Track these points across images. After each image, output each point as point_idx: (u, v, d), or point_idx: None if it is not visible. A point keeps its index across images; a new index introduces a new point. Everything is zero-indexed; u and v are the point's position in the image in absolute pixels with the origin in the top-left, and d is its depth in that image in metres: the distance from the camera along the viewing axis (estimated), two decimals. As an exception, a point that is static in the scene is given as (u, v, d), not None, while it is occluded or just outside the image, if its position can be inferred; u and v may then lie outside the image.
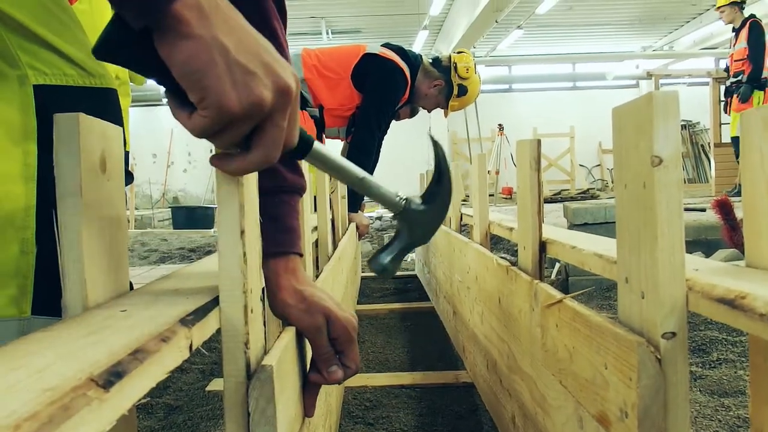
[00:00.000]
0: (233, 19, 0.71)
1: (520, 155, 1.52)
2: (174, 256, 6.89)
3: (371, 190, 1.03)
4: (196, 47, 0.66)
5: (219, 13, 0.69)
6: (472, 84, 4.26)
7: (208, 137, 0.72)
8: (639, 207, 0.86)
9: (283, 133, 0.75)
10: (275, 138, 0.74)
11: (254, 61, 0.70)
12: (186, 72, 0.67)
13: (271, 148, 0.74)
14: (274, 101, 0.71)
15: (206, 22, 0.67)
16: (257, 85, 0.69)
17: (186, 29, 0.65)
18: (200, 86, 0.67)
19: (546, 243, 1.46)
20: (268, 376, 0.81)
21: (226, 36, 0.68)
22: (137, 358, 0.52)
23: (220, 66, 0.67)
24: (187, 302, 0.77)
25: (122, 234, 0.82)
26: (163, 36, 0.66)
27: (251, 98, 0.69)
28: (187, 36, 0.66)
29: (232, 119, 0.69)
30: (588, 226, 4.06)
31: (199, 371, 2.60)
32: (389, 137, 4.21)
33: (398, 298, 4.32)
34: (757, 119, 0.82)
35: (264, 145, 0.73)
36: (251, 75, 0.69)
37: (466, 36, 13.49)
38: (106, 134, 0.78)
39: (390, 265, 1.13)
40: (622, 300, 0.94)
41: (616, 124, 0.93)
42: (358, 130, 3.93)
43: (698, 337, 2.79)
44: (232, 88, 0.68)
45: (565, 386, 1.16)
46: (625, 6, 14.48)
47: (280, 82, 0.72)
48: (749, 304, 0.68)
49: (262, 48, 0.72)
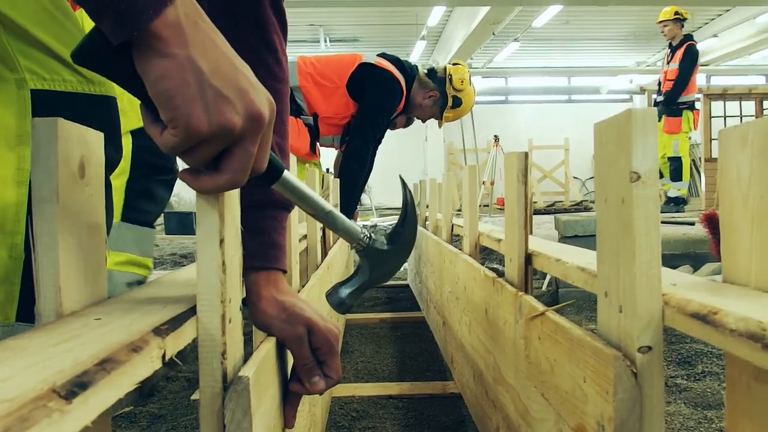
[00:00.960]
0: (212, 41, 0.70)
1: (507, 168, 1.52)
2: (166, 261, 6.87)
3: (336, 223, 1.04)
4: (171, 66, 0.66)
5: (197, 34, 0.68)
6: (467, 96, 4.27)
7: (177, 155, 0.73)
8: (618, 222, 0.87)
9: (252, 159, 0.75)
10: (243, 162, 0.74)
11: (228, 85, 0.70)
12: (159, 90, 0.67)
13: (238, 172, 0.75)
14: (244, 127, 0.72)
15: (183, 41, 0.67)
16: (228, 110, 0.69)
17: (162, 47, 0.66)
18: (171, 105, 0.67)
19: (532, 255, 1.46)
20: (245, 387, 0.80)
21: (203, 58, 0.68)
22: (104, 369, 0.52)
23: (193, 87, 0.67)
24: (163, 311, 0.76)
25: (100, 241, 0.82)
26: (140, 51, 0.66)
27: (221, 122, 0.69)
28: (163, 54, 0.66)
29: (200, 140, 0.70)
30: (578, 238, 4.07)
31: (185, 379, 2.59)
32: (384, 144, 4.21)
33: (389, 308, 4.31)
34: (734, 137, 0.82)
35: (232, 169, 0.74)
36: (223, 99, 0.69)
37: (464, 47, 13.55)
38: (85, 140, 0.78)
39: (348, 299, 1.14)
40: (602, 314, 0.94)
41: (598, 139, 0.94)
42: (352, 139, 3.93)
43: (683, 350, 2.79)
44: (203, 111, 0.68)
45: (547, 399, 1.16)
46: (621, 21, 14.56)
47: (253, 109, 0.72)
48: (721, 320, 0.68)
49: (239, 72, 0.72)
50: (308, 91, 3.88)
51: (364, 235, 1.09)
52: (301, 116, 3.90)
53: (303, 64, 3.93)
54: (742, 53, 16.33)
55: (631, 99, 18.29)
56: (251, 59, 1.03)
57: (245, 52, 1.01)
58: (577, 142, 15.50)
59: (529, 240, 1.50)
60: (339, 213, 1.03)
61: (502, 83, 18.80)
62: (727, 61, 17.26)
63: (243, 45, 1.04)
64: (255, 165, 0.77)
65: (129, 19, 0.63)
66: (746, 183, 0.80)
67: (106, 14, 0.63)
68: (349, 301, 1.14)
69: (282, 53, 1.12)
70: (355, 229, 1.07)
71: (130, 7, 0.62)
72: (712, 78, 18.31)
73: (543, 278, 4.31)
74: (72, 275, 0.74)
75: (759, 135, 0.77)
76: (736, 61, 17.46)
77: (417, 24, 13.56)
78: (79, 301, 0.76)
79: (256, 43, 1.08)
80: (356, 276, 1.15)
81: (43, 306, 0.71)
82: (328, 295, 1.14)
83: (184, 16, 0.67)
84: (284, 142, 1.11)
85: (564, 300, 3.79)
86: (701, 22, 15.14)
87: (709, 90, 9.61)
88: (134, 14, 0.62)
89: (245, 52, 1.01)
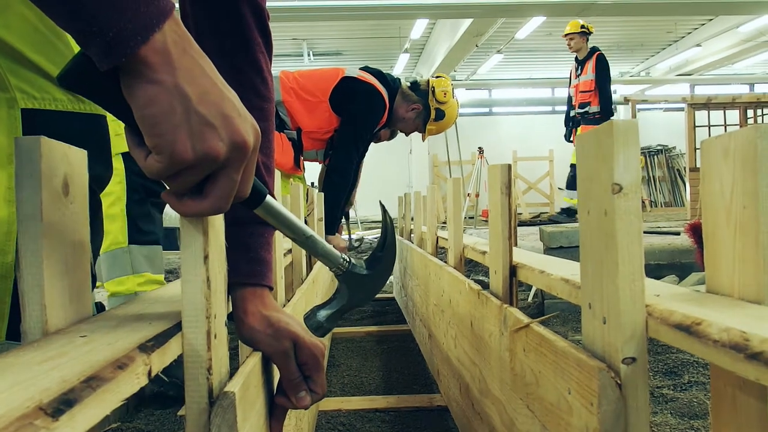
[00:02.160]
0: (200, 67, 0.70)
1: (491, 180, 1.53)
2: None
3: (317, 248, 1.06)
4: (157, 93, 0.66)
5: (185, 60, 0.68)
6: (450, 108, 4.29)
7: (161, 180, 0.73)
8: (601, 234, 0.87)
9: (236, 186, 0.75)
10: (226, 189, 0.74)
11: (214, 112, 0.70)
12: (145, 115, 0.67)
13: (221, 199, 0.75)
14: (228, 154, 0.72)
15: (171, 67, 0.66)
16: (213, 137, 0.69)
17: (150, 73, 0.65)
18: (156, 132, 0.67)
19: (516, 267, 1.47)
20: (231, 402, 0.80)
21: (190, 84, 0.68)
22: (90, 386, 0.52)
23: (179, 114, 0.67)
24: (149, 328, 0.76)
25: (85, 258, 0.82)
26: (127, 77, 0.66)
27: (205, 149, 0.69)
28: (151, 80, 0.66)
29: (184, 167, 0.69)
30: (563, 250, 4.09)
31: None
32: (369, 158, 4.22)
33: (376, 321, 4.30)
34: (717, 147, 0.83)
35: (215, 195, 0.74)
36: (209, 126, 0.69)
37: (447, 59, 13.61)
38: (69, 158, 0.78)
39: (326, 322, 1.16)
40: (586, 325, 0.94)
41: (580, 151, 0.94)
42: (336, 153, 3.94)
43: (670, 360, 2.81)
44: (188, 138, 0.68)
45: (533, 411, 1.16)
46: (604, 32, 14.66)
47: (237, 137, 0.72)
48: (704, 331, 0.69)
49: (225, 99, 0.72)
50: (291, 105, 3.88)
51: (343, 259, 1.11)
52: (284, 131, 3.91)
53: (286, 79, 3.93)
54: (726, 62, 16.52)
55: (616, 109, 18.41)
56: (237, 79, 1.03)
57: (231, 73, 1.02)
58: (562, 153, 15.56)
59: (514, 252, 1.51)
60: (319, 238, 1.05)
61: (485, 95, 18.87)
62: (710, 71, 17.45)
63: (229, 65, 1.04)
64: (239, 191, 0.77)
65: (116, 46, 0.62)
66: (729, 193, 0.80)
67: (92, 42, 0.62)
68: (327, 325, 1.16)
69: (267, 72, 1.13)
70: (334, 254, 1.10)
71: (118, 33, 0.62)
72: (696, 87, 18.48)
73: (529, 290, 4.32)
74: (57, 293, 0.74)
75: (741, 145, 0.78)
76: (719, 70, 17.65)
77: (400, 37, 13.63)
78: (65, 318, 0.76)
79: (242, 63, 1.08)
80: (335, 299, 1.17)
81: (28, 324, 0.71)
82: (306, 318, 1.15)
83: (172, 42, 0.67)
84: (270, 161, 1.12)
85: (550, 311, 3.80)
86: (684, 32, 15.32)
87: (693, 99, 9.71)
88: (122, 41, 0.62)
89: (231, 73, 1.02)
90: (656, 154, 17.01)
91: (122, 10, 0.62)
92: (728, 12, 12.10)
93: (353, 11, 10.53)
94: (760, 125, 0.76)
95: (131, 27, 0.62)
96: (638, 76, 18.23)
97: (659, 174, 16.88)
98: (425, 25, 12.59)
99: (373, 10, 10.50)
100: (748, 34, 14.09)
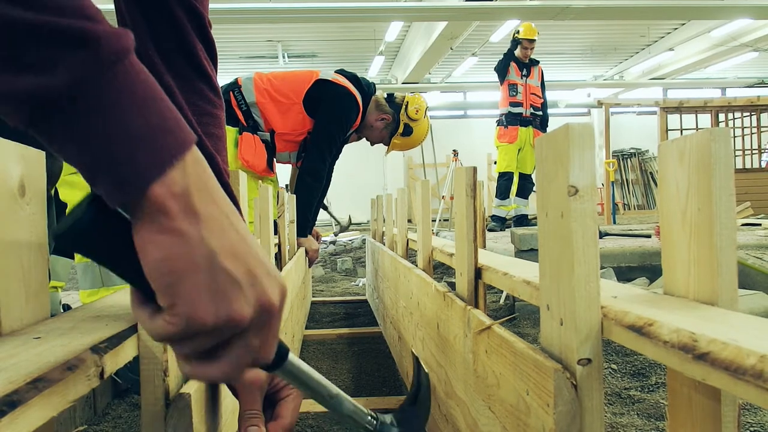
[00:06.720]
0: (226, 215, 0.61)
1: (457, 183, 1.54)
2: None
3: (342, 408, 0.91)
4: (178, 246, 0.57)
5: (210, 206, 0.59)
6: (419, 127, 4.30)
7: (167, 343, 0.64)
8: (557, 236, 0.88)
9: (251, 355, 0.64)
10: (240, 358, 0.63)
11: (241, 269, 0.60)
12: (161, 272, 0.57)
13: (233, 368, 0.63)
14: (252, 319, 0.61)
15: (194, 217, 0.57)
16: (238, 299, 0.59)
17: (167, 222, 0.56)
18: (173, 291, 0.57)
19: (482, 269, 1.48)
20: (186, 404, 0.80)
21: (217, 237, 0.59)
22: (36, 387, 0.51)
23: (202, 272, 0.58)
24: (104, 329, 0.76)
25: (42, 259, 0.81)
26: (141, 225, 0.57)
27: (229, 314, 0.59)
28: (169, 230, 0.56)
29: (200, 332, 0.59)
30: (534, 252, 4.11)
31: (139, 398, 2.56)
32: (344, 160, 4.21)
33: (347, 323, 4.30)
34: (673, 151, 0.84)
35: (226, 363, 0.63)
36: (234, 285, 0.59)
37: (422, 62, 13.65)
38: (26, 158, 0.78)
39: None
40: (544, 326, 0.95)
41: (539, 154, 0.95)
42: (308, 155, 3.93)
43: (637, 362, 2.84)
44: (210, 300, 0.58)
45: (494, 412, 1.17)
46: (578, 36, 14.80)
47: (264, 299, 0.62)
48: (655, 332, 0.69)
49: (252, 254, 0.62)
50: (265, 107, 3.87)
51: (371, 418, 0.97)
52: (258, 132, 3.89)
53: (260, 80, 3.92)
54: (698, 66, 16.71)
55: (589, 113, 18.57)
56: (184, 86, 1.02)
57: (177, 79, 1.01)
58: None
59: (480, 254, 1.52)
60: (346, 396, 0.91)
61: (460, 98, 18.95)
62: (682, 75, 17.64)
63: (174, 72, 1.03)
64: (260, 356, 0.65)
65: (128, 179, 0.54)
66: (684, 196, 0.81)
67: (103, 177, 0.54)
68: None
69: (215, 80, 1.12)
70: (361, 413, 0.95)
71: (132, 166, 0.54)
72: (668, 91, 18.70)
73: (501, 292, 4.34)
74: (13, 294, 0.74)
75: (696, 148, 0.79)
76: (692, 74, 17.85)
77: (375, 39, 13.64)
78: (21, 319, 0.76)
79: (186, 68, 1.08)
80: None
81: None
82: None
83: (194, 185, 0.58)
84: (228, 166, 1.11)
85: (521, 313, 3.82)
86: (657, 36, 15.48)
87: (665, 103, 9.81)
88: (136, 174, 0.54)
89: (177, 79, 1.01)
90: (629, 157, 17.19)
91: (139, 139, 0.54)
92: (700, 17, 12.24)
93: (328, 13, 10.52)
94: (715, 128, 0.77)
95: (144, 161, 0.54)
96: (612, 79, 18.38)
97: (632, 177, 17.06)
98: (400, 27, 12.62)
99: (348, 12, 10.49)
100: (719, 38, 14.27)
